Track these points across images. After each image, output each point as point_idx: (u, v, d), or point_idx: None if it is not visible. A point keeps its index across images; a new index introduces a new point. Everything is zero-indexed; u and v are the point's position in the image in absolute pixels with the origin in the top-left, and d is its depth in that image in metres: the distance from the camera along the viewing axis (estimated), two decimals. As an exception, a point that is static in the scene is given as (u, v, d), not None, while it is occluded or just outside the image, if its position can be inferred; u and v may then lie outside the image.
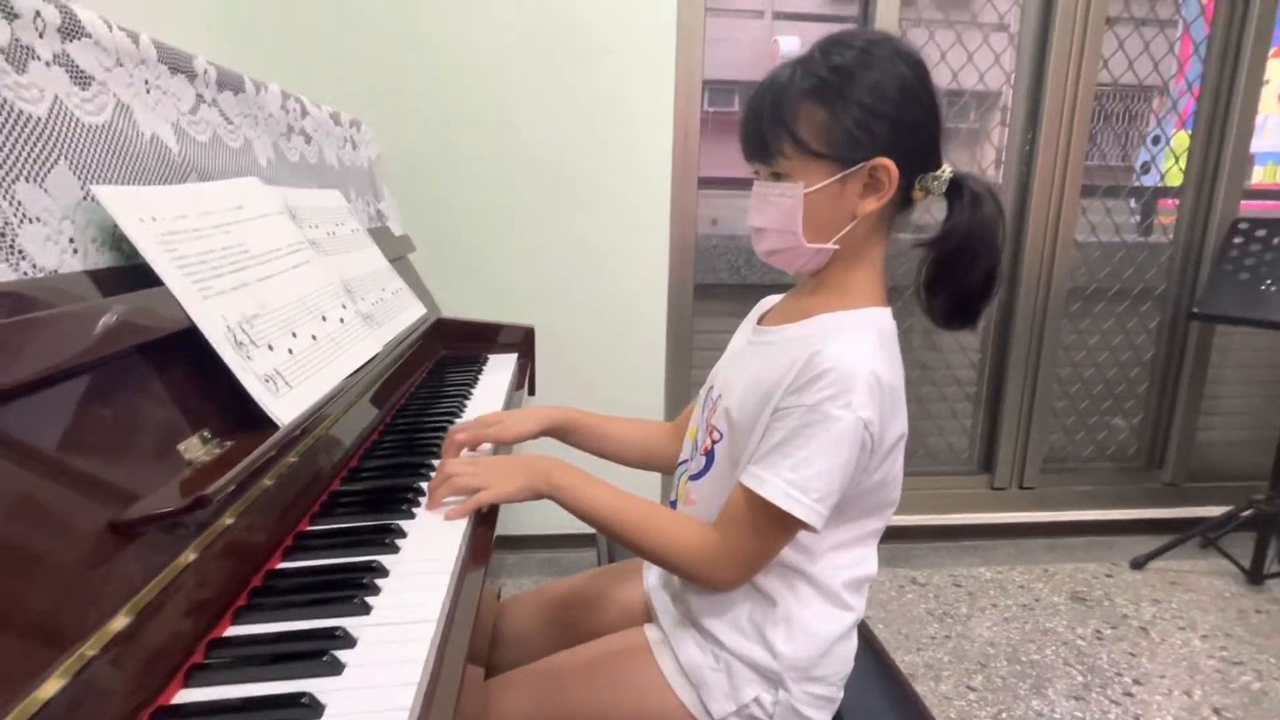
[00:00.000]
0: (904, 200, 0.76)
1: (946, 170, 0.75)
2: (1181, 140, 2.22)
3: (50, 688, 0.41)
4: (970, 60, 2.12)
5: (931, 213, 0.79)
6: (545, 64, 1.83)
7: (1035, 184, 2.10)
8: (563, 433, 0.96)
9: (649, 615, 0.89)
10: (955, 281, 0.75)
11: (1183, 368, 2.27)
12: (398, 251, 1.43)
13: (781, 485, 0.69)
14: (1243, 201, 2.18)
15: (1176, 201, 2.25)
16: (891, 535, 0.81)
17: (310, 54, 1.75)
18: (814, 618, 0.76)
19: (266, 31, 1.70)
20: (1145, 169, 2.31)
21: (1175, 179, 2.25)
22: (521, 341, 1.53)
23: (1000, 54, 2.13)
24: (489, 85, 1.83)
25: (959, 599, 1.96)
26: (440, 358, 1.43)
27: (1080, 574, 2.09)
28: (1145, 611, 1.91)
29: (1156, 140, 2.31)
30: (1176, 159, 2.23)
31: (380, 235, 1.35)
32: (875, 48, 0.72)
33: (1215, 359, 2.27)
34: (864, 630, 0.89)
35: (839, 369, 0.68)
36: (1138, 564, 2.13)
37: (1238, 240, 2.05)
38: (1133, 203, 2.29)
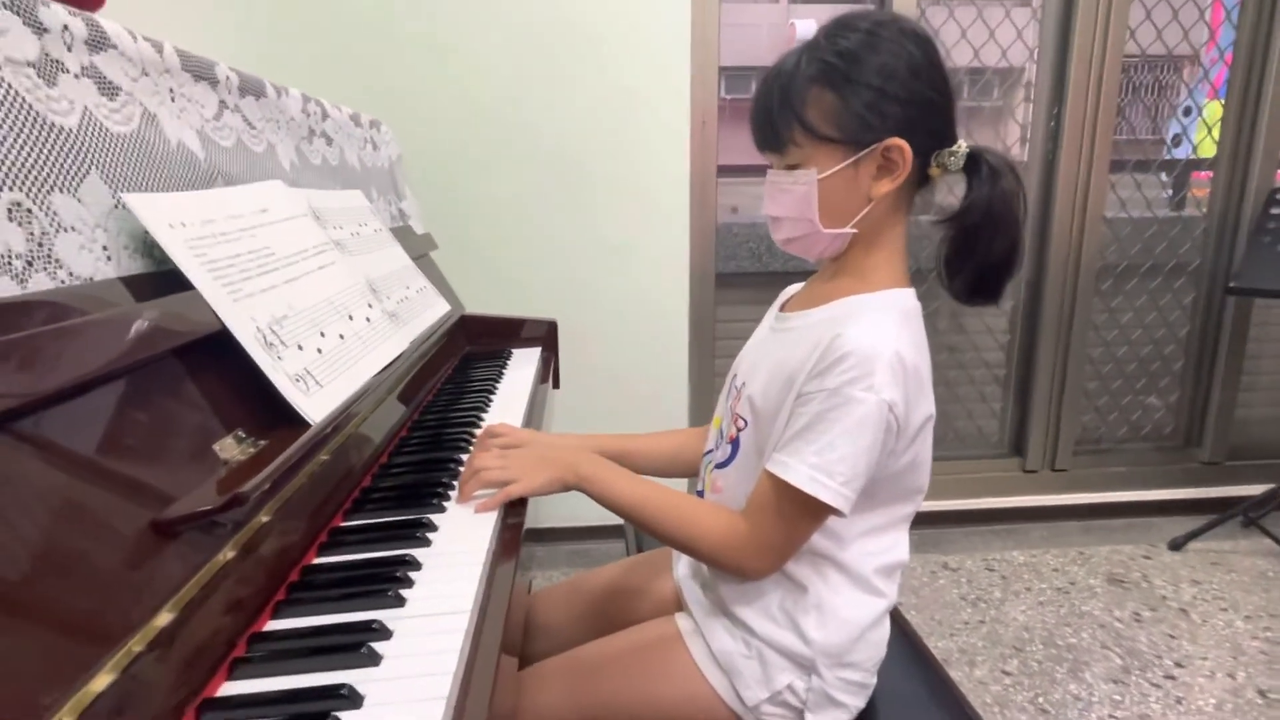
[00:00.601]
0: (921, 179, 0.75)
1: (962, 145, 0.74)
2: (1214, 110, 2.16)
3: (101, 682, 0.43)
4: (992, 36, 2.08)
5: (955, 194, 0.78)
6: (559, 57, 1.83)
7: (1062, 160, 2.06)
8: None
9: (680, 605, 0.89)
10: (977, 257, 0.74)
11: (1219, 343, 2.22)
12: (420, 250, 1.45)
13: (806, 470, 0.68)
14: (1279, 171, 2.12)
15: (1210, 174, 2.19)
16: (922, 520, 0.81)
17: (329, 58, 1.77)
18: (845, 604, 0.76)
19: (286, 38, 1.72)
20: (1176, 141, 2.25)
21: (1208, 150, 2.19)
22: (545, 336, 1.53)
23: (1023, 29, 2.08)
24: (504, 80, 1.84)
25: (992, 583, 1.94)
26: (465, 353, 1.45)
27: (1117, 556, 2.06)
28: (1185, 593, 1.88)
29: (1188, 111, 2.25)
30: (1209, 130, 2.17)
31: (402, 234, 1.37)
32: (881, 29, 0.71)
33: (1253, 333, 2.21)
34: (896, 616, 0.89)
35: (860, 351, 0.68)
36: (1176, 545, 2.09)
37: (1275, 211, 2.00)
38: (1164, 176, 2.23)
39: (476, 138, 1.86)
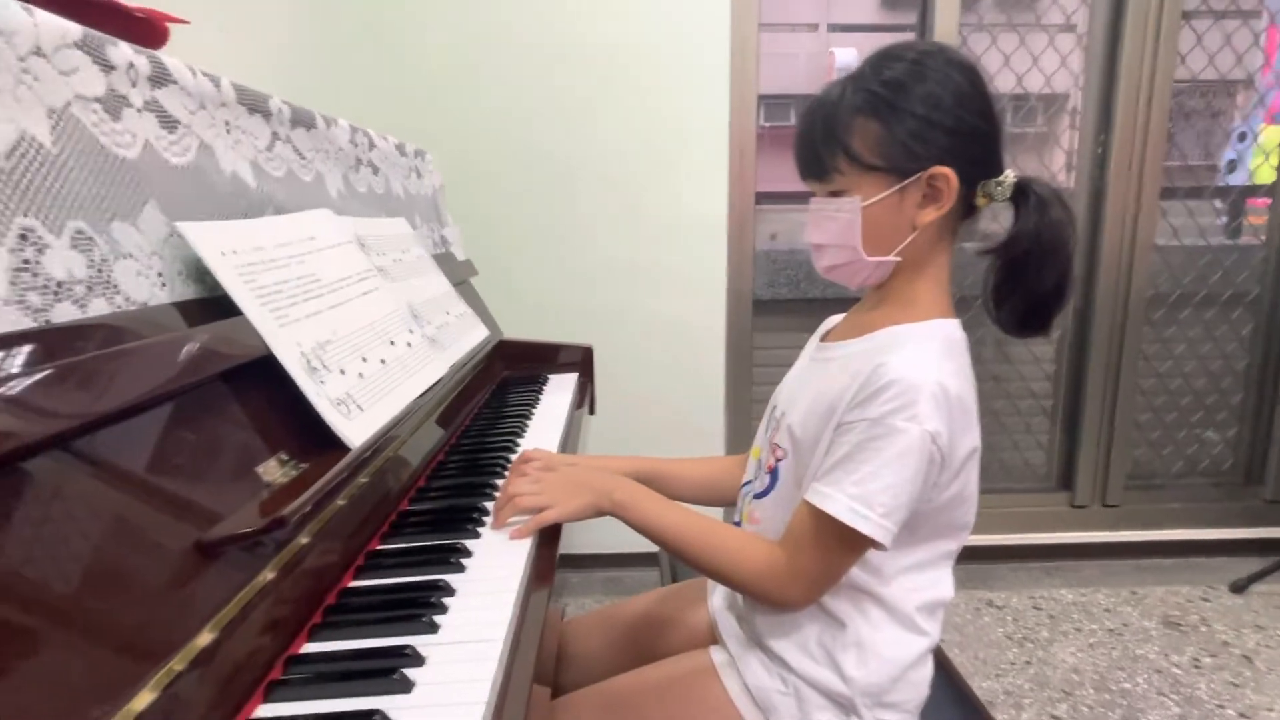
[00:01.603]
0: (967, 208, 0.74)
1: (1010, 175, 0.73)
2: (1272, 135, 2.10)
3: (142, 700, 0.43)
4: (1035, 64, 2.05)
5: (1000, 221, 0.77)
6: (599, 86, 1.86)
7: (1110, 187, 2.01)
8: None
9: (715, 637, 0.88)
10: (1025, 288, 0.73)
11: (1281, 376, 2.13)
12: (460, 276, 1.47)
13: (846, 501, 0.67)
14: (1342, 197, 2.04)
15: (1268, 200, 2.12)
16: (966, 555, 0.78)
17: (377, 90, 1.83)
18: (886, 641, 0.74)
19: (335, 72, 1.78)
20: (1231, 167, 2.19)
21: (1266, 176, 2.12)
22: (581, 361, 1.54)
23: (1067, 55, 2.05)
24: (543, 109, 1.87)
25: (1039, 623, 1.87)
26: (502, 378, 1.46)
27: (1173, 598, 1.97)
28: (1248, 639, 1.78)
29: (1243, 137, 2.18)
30: (1266, 155, 2.11)
31: (444, 260, 1.39)
32: (928, 59, 0.71)
33: (1318, 366, 2.12)
34: (939, 655, 0.86)
35: (903, 381, 0.67)
36: (1238, 587, 1.99)
37: (1339, 239, 1.92)
38: (1218, 203, 2.17)
39: (516, 165, 1.89)
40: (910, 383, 0.66)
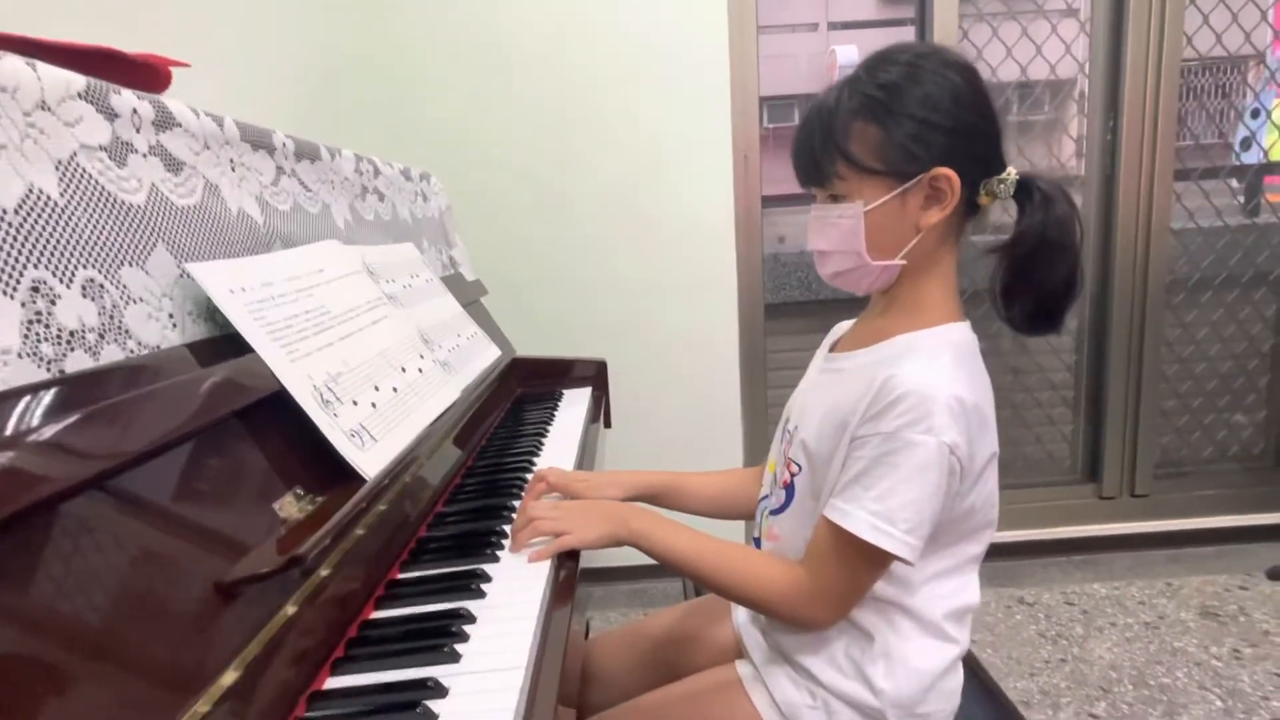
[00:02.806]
0: (971, 208, 0.74)
1: (1012, 172, 0.72)
2: (1285, 111, 2.06)
3: (166, 747, 0.43)
4: (1039, 52, 2.03)
5: (1009, 212, 0.76)
6: (600, 95, 1.87)
7: (1121, 172, 1.99)
8: (649, 499, 0.95)
9: (740, 652, 0.87)
10: (1034, 285, 0.72)
11: (1309, 355, 2.08)
12: (470, 296, 1.48)
13: (866, 518, 0.66)
14: (1362, 171, 2.00)
15: (1286, 177, 2.09)
16: (994, 552, 0.77)
17: (381, 108, 1.84)
18: (914, 652, 0.72)
19: (338, 93, 1.80)
20: (1245, 145, 2.15)
21: (1281, 153, 2.08)
22: (595, 375, 1.54)
23: (1071, 41, 2.03)
24: (544, 120, 1.88)
25: (1073, 619, 1.84)
26: (517, 396, 1.46)
27: (1209, 587, 1.93)
28: (1289, 626, 1.74)
29: (1255, 114, 2.15)
30: (1280, 131, 2.07)
31: (453, 282, 1.40)
32: (923, 60, 0.70)
33: (1347, 343, 2.08)
34: (970, 660, 0.85)
35: (916, 392, 0.66)
36: (1276, 574, 1.94)
37: (1361, 213, 1.88)
38: (1234, 183, 2.13)
39: (521, 178, 1.90)
40: (923, 394, 0.65)
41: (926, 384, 0.66)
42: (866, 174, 0.71)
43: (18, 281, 0.50)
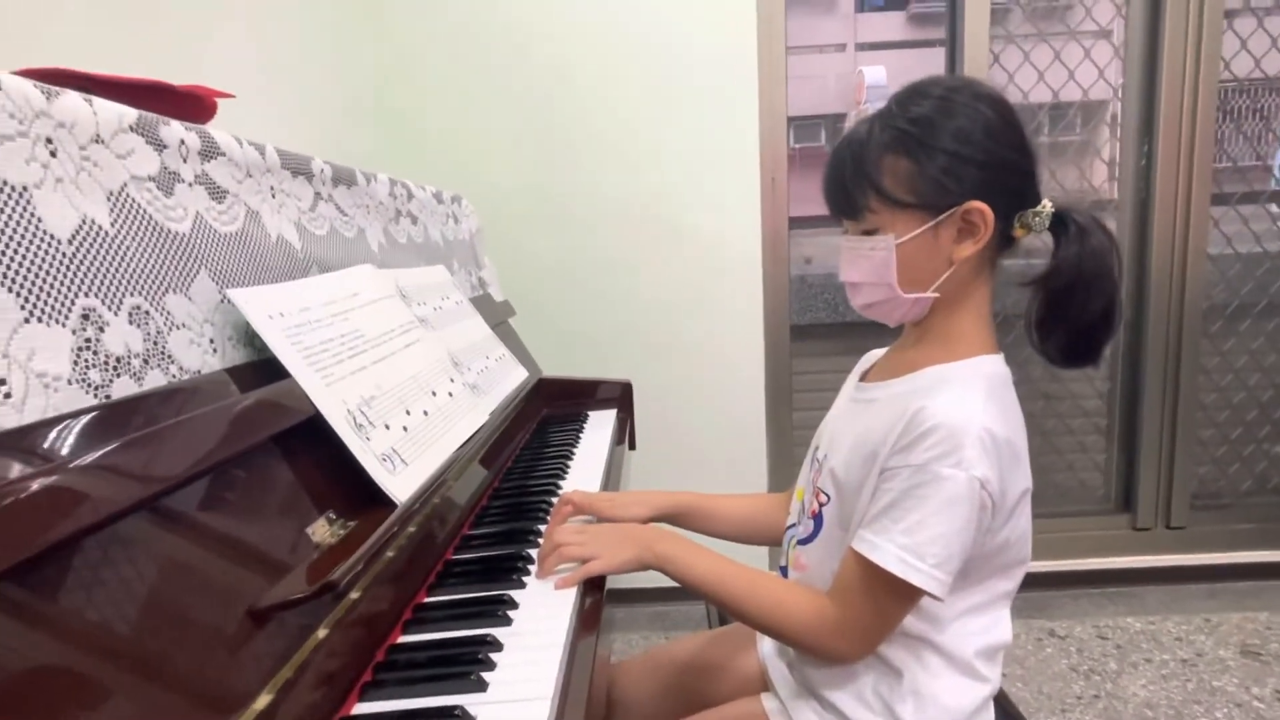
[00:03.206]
0: (1005, 240, 0.73)
1: (1047, 205, 0.71)
2: (1327, 136, 2.02)
3: (201, 773, 0.44)
4: (1072, 75, 2.02)
5: (1044, 239, 0.75)
6: (627, 116, 1.88)
7: (1156, 196, 1.95)
8: (674, 519, 0.95)
9: (765, 684, 0.86)
10: (1070, 319, 0.71)
11: (1354, 386, 2.02)
12: (499, 317, 1.49)
13: (895, 551, 0.65)
14: None
15: (1328, 203, 2.04)
16: (1024, 583, 0.75)
17: (413, 128, 1.88)
18: (945, 690, 0.71)
19: (363, 118, 1.84)
20: (1286, 170, 2.11)
21: (1323, 178, 2.04)
22: (620, 396, 1.54)
23: (1106, 66, 2.01)
24: (571, 138, 1.89)
25: (1106, 653, 1.79)
26: (543, 417, 1.47)
27: (1250, 624, 1.87)
28: (1335, 668, 1.68)
29: (1296, 138, 2.10)
30: (1322, 156, 2.03)
31: (482, 303, 1.41)
32: (955, 94, 0.70)
33: (1394, 374, 2.01)
34: (1001, 698, 0.83)
35: (946, 425, 0.65)
36: (1320, 611, 1.88)
37: None
38: (1274, 207, 2.09)
39: (549, 201, 1.92)
40: (954, 427, 0.65)
41: (958, 417, 0.65)
42: (898, 207, 0.71)
43: (70, 309, 0.52)
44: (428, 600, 0.76)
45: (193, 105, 0.74)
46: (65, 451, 0.47)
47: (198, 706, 0.47)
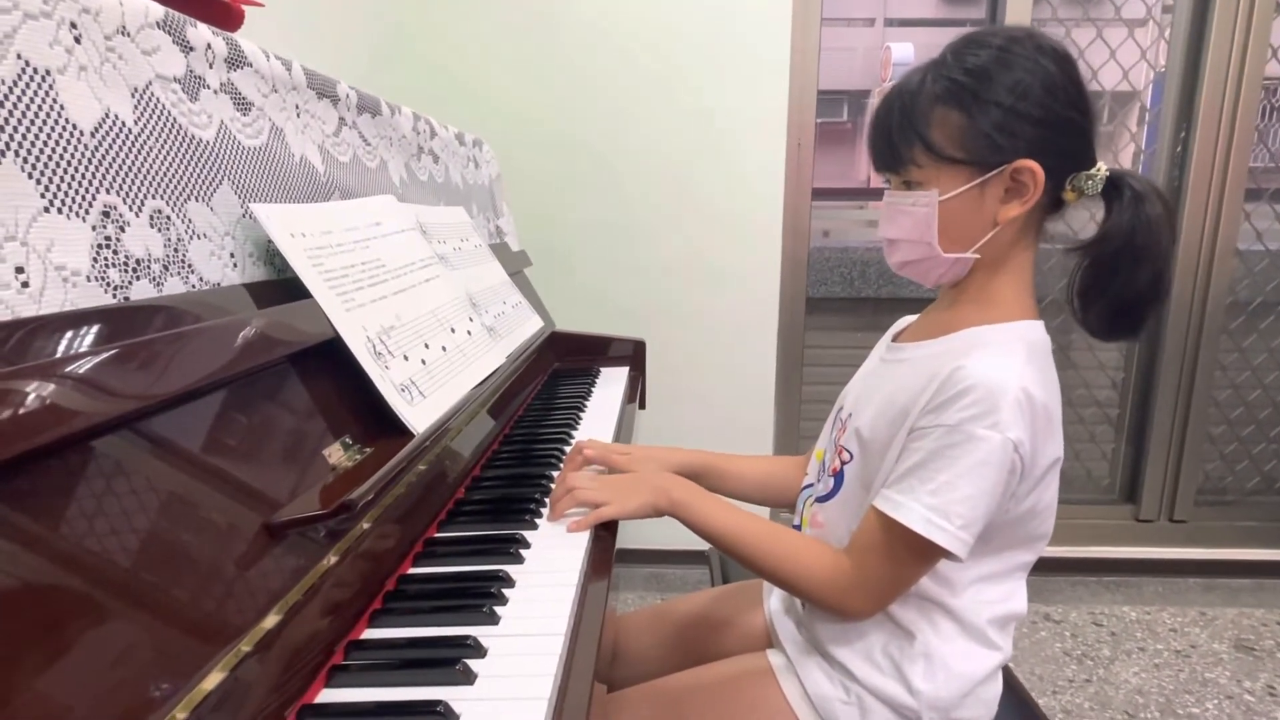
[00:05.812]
0: (1053, 204, 0.70)
1: (1102, 168, 0.68)
2: (1368, 134, 1.97)
3: (212, 680, 0.43)
4: (1113, 57, 1.96)
5: (1095, 218, 0.72)
6: (658, 79, 1.84)
7: (1189, 187, 1.91)
8: (690, 478, 0.93)
9: (770, 641, 0.85)
10: (1117, 287, 0.68)
11: (1371, 391, 2.00)
12: (515, 266, 1.47)
13: (921, 510, 0.64)
14: None
15: (1362, 203, 2.00)
16: (1023, 567, 0.74)
17: (439, 77, 1.84)
18: (956, 655, 0.70)
19: (397, 59, 1.80)
20: (1323, 167, 2.06)
21: (1360, 178, 1.99)
22: (632, 355, 1.53)
23: (1147, 49, 1.96)
24: (599, 99, 1.86)
25: (1100, 639, 1.80)
26: (554, 370, 1.45)
27: (1245, 620, 1.87)
28: (1329, 667, 1.68)
29: (1336, 136, 2.06)
30: (1362, 155, 1.98)
31: (500, 250, 1.39)
32: (1015, 45, 0.67)
33: None
34: (1006, 671, 0.82)
35: (984, 385, 0.63)
36: (1317, 612, 1.88)
37: None
38: (1308, 205, 2.05)
39: (572, 156, 1.89)
40: (991, 387, 0.63)
41: (996, 377, 0.63)
42: (945, 162, 0.68)
43: (90, 204, 0.50)
44: (439, 535, 0.75)
45: (220, 11, 0.71)
46: (85, 348, 0.45)
47: (205, 621, 0.46)
